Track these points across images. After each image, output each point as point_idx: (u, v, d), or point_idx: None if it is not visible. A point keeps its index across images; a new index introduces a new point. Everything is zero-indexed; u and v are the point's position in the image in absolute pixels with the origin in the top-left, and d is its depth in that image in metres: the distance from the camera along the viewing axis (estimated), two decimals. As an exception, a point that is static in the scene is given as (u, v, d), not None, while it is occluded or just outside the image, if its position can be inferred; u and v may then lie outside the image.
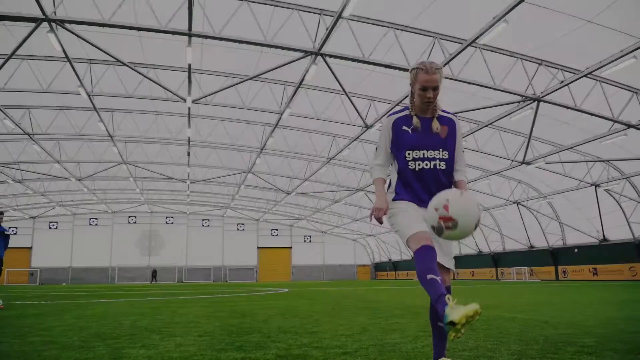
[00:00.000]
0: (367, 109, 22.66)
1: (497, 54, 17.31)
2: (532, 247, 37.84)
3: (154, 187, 45.60)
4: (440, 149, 3.05)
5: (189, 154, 31.25)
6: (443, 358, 3.00)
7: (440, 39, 16.85)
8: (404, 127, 3.08)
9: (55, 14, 14.95)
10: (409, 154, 3.04)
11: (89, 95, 21.30)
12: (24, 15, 14.74)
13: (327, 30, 15.71)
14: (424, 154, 3.03)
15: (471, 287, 19.84)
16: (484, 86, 18.56)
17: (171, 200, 52.71)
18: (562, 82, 17.69)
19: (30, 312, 8.49)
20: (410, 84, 3.05)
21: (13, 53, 16.38)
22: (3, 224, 10.54)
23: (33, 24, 15.05)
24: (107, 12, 15.25)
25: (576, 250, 33.86)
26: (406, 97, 20.22)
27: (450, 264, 3.00)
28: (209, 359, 3.54)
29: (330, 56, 17.10)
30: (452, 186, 3.11)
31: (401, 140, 3.07)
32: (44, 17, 14.67)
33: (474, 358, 3.38)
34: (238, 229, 61.24)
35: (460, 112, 21.49)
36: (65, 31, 15.62)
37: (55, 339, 4.74)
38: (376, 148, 3.21)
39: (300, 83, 19.91)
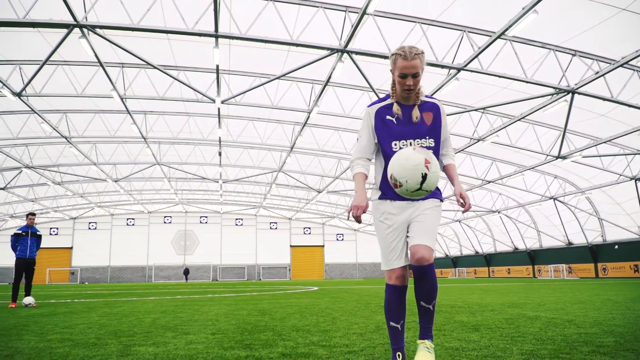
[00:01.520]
0: (395, 105, 22.42)
1: (528, 46, 16.89)
2: (570, 243, 36.79)
3: (187, 188, 46.38)
4: (427, 137, 2.94)
5: (220, 154, 31.63)
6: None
7: (469, 32, 16.55)
8: (388, 117, 2.97)
9: (86, 20, 15.33)
10: (395, 144, 2.94)
11: (121, 99, 21.79)
12: (56, 22, 15.17)
13: (352, 27, 15.62)
14: (410, 142, 2.93)
15: (501, 286, 19.42)
16: (515, 79, 18.16)
17: (205, 200, 53.52)
18: (597, 72, 17.11)
19: (59, 310, 8.73)
20: (390, 71, 2.95)
21: (47, 59, 16.90)
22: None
23: (65, 30, 15.49)
24: (137, 16, 15.57)
25: (616, 246, 32.75)
26: (435, 92, 19.94)
27: (428, 242, 2.82)
28: (214, 356, 3.54)
29: (357, 53, 17.01)
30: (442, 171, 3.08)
31: (386, 130, 2.97)
32: (75, 22, 15.07)
33: (481, 358, 3.28)
34: (271, 228, 61.70)
35: (491, 107, 21.10)
36: (98, 36, 16.02)
37: (73, 336, 4.84)
38: (357, 139, 3.11)
39: (328, 81, 19.88)
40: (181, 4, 15.70)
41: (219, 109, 23.52)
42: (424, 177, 2.68)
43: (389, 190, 2.96)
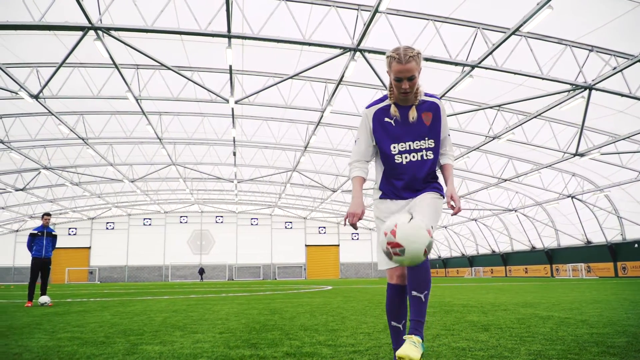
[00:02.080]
0: (409, 103, 22.31)
1: (544, 42, 16.65)
2: (589, 242, 36.24)
3: (203, 187, 46.67)
4: (427, 138, 2.88)
5: (234, 154, 31.76)
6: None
7: (483, 28, 16.40)
8: (386, 119, 2.92)
9: (100, 22, 15.48)
10: (394, 147, 2.90)
11: (136, 100, 21.98)
12: (71, 25, 15.34)
13: (364, 25, 15.57)
14: (409, 145, 2.88)
15: (517, 285, 19.19)
16: (530, 76, 17.95)
17: (220, 199, 53.83)
18: (614, 68, 16.82)
19: (74, 309, 8.82)
20: (387, 72, 2.89)
21: (63, 61, 17.11)
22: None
23: (80, 33, 15.66)
24: (150, 18, 15.68)
25: (636, 245, 32.17)
26: (449, 90, 19.80)
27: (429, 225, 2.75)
28: (219, 355, 3.54)
29: (370, 51, 16.94)
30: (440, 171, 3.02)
31: (385, 133, 2.92)
32: (90, 25, 15.23)
33: (488, 358, 3.22)
34: (286, 227, 61.84)
35: (506, 104, 20.88)
36: (112, 38, 16.18)
37: (83, 335, 4.88)
38: (355, 141, 3.06)
39: (340, 80, 19.83)
40: (194, 5, 15.80)
41: (232, 109, 23.61)
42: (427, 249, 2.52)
43: (389, 190, 2.94)
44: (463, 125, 24.65)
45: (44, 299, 9.87)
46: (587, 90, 18.27)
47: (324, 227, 62.25)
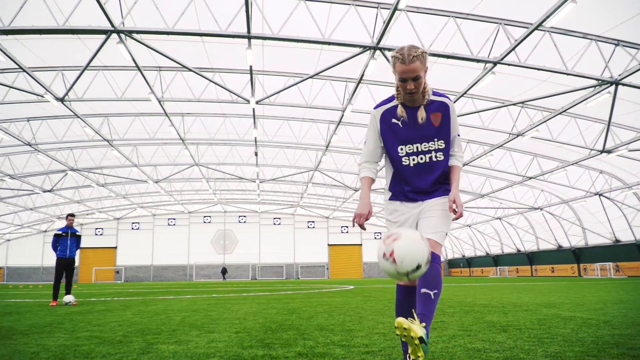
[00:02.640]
0: (430, 101, 22.12)
1: (568, 37, 16.34)
2: (617, 241, 35.42)
3: (226, 188, 47.05)
4: (435, 139, 2.81)
5: (256, 154, 31.92)
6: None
7: (505, 24, 16.15)
8: (394, 120, 2.86)
9: (123, 25, 15.70)
10: (401, 149, 2.85)
11: (159, 101, 22.27)
12: (94, 28, 15.61)
13: (384, 23, 15.47)
14: (417, 147, 2.82)
15: (542, 285, 18.85)
16: (554, 71, 17.60)
17: (243, 199, 54.21)
18: (641, 62, 16.40)
19: (97, 308, 8.97)
20: (392, 72, 2.84)
21: (88, 64, 17.41)
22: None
23: (104, 36, 15.93)
24: (171, 20, 15.87)
25: (667, 244, 31.34)
26: (471, 87, 19.57)
27: (434, 236, 2.71)
28: (231, 355, 3.55)
29: (390, 50, 16.82)
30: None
31: (392, 135, 2.86)
32: (112, 28, 15.47)
33: (502, 359, 3.16)
34: (308, 227, 61.95)
35: (530, 100, 20.53)
36: (135, 41, 16.42)
37: (102, 334, 4.95)
38: (365, 142, 3.02)
39: (361, 79, 19.78)
40: (214, 6, 15.92)
41: (253, 109, 23.73)
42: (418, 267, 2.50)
43: (398, 191, 2.90)
44: (486, 123, 24.34)
45: (68, 298, 10.06)
46: (614, 86, 17.86)
47: (347, 227, 62.17)
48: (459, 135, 2.94)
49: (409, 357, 2.59)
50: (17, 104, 22.44)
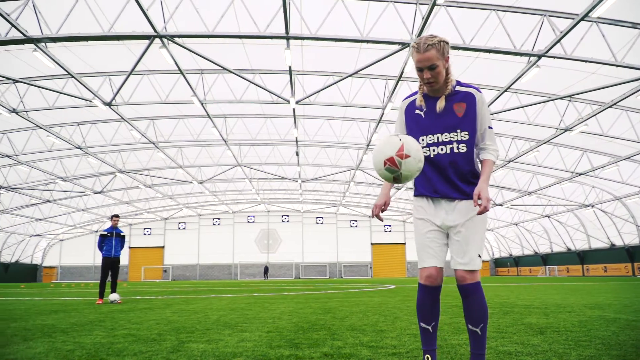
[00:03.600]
0: (473, 97, 21.66)
1: (616, 27, 15.64)
2: (675, 239, 33.74)
3: (268, 187, 47.53)
4: (458, 130, 2.71)
5: (297, 153, 32.09)
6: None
7: (549, 16, 15.63)
8: (417, 111, 2.83)
9: (165, 30, 16.11)
10: (422, 139, 2.79)
11: (201, 104, 22.70)
12: (138, 34, 16.06)
13: (423, 19, 15.25)
14: (438, 137, 2.74)
15: (592, 285, 18.13)
16: (603, 63, 16.92)
17: (285, 199, 54.64)
18: (698, 51, 15.54)
19: (139, 306, 9.21)
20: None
21: (133, 69, 17.96)
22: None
23: (147, 41, 16.37)
24: (211, 23, 16.15)
25: None
26: (515, 81, 19.05)
27: (469, 265, 2.66)
28: (258, 355, 3.56)
29: (429, 46, 16.54)
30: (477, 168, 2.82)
31: (414, 125, 2.83)
32: (155, 33, 15.88)
33: (534, 364, 3.05)
34: (351, 226, 61.84)
35: (577, 94, 19.81)
36: (177, 45, 16.81)
37: (139, 332, 5.07)
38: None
39: (400, 76, 19.56)
40: (253, 8, 16.09)
41: (294, 109, 23.87)
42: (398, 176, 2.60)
43: (422, 185, 2.83)
44: (531, 118, 23.64)
45: (114, 296, 10.37)
46: (668, 76, 17.00)
47: (390, 226, 61.69)
48: (490, 127, 2.82)
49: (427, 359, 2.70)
50: (67, 109, 23.35)
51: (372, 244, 61.67)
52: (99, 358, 3.55)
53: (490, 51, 16.74)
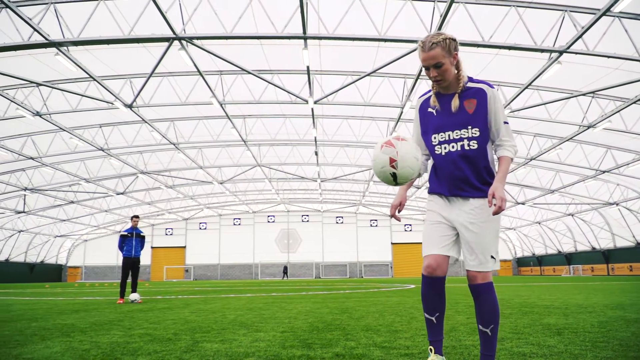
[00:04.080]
0: (494, 94, 21.41)
1: (639, 21, 15.30)
2: None
3: (288, 187, 47.67)
4: (469, 127, 2.69)
5: (316, 153, 32.11)
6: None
7: (570, 11, 15.36)
8: (429, 109, 2.83)
9: (184, 32, 16.27)
10: (434, 137, 2.79)
11: (221, 105, 22.86)
12: (157, 36, 16.24)
13: (441, 16, 15.11)
14: (449, 135, 2.73)
15: (617, 284, 17.76)
16: (626, 59, 16.55)
17: (305, 199, 54.73)
18: None
19: (159, 306, 9.31)
20: None
21: (153, 71, 18.17)
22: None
23: (166, 43, 16.55)
24: (229, 25, 16.26)
25: None
26: (536, 78, 18.77)
27: (479, 265, 2.64)
28: (270, 355, 3.57)
29: (447, 44, 16.40)
30: (493, 165, 2.78)
31: (427, 123, 2.84)
32: (174, 36, 16.05)
33: (548, 366, 3.00)
34: (371, 226, 61.67)
35: (601, 90, 19.47)
36: (196, 47, 16.96)
37: (156, 331, 5.12)
38: (412, 136, 2.99)
39: (419, 75, 19.44)
40: (270, 9, 16.15)
41: (312, 109, 23.88)
42: (394, 175, 2.72)
43: (435, 183, 2.83)
44: (553, 115, 23.27)
45: (134, 296, 10.51)
46: (695, 71, 16.57)
47: (410, 225, 61.36)
48: (506, 123, 2.76)
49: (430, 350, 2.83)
50: (89, 111, 23.71)
51: (392, 243, 61.41)
52: (114, 357, 3.59)
53: (510, 48, 16.52)
